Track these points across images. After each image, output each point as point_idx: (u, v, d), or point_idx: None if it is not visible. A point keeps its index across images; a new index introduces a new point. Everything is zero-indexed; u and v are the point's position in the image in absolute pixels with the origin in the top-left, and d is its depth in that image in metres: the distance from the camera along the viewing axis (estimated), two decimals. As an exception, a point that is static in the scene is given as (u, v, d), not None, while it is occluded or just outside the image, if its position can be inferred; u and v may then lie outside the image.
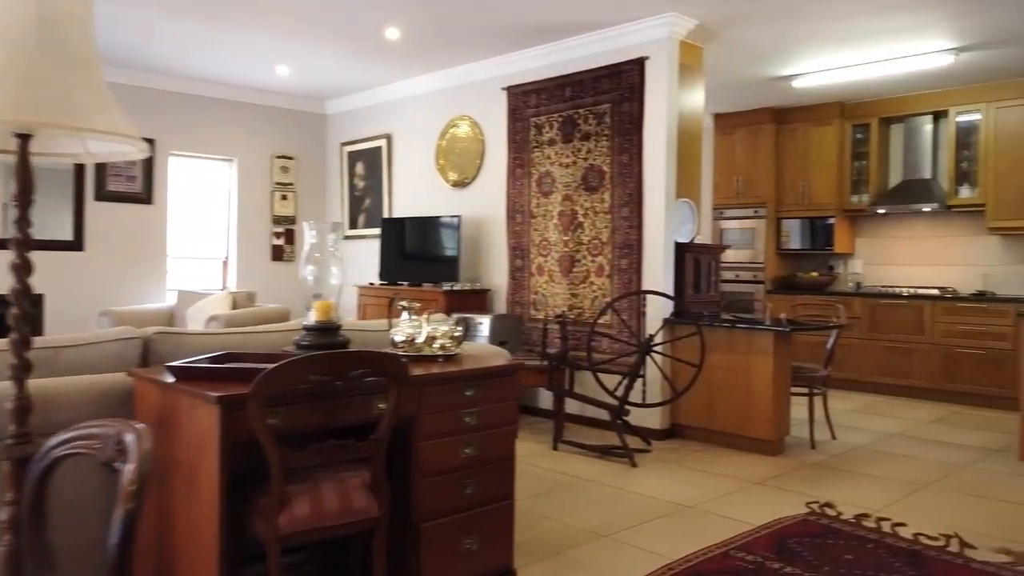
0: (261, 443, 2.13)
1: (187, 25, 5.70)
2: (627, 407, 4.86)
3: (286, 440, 2.24)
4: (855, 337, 7.39)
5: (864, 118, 7.72)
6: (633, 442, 5.03)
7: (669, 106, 5.34)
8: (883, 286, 7.60)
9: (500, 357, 3.18)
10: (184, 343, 2.82)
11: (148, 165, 7.23)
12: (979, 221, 7.19)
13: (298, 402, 2.29)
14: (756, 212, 8.19)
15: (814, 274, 8.04)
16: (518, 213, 6.24)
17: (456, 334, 2.98)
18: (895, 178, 7.77)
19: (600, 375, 4.99)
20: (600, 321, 5.42)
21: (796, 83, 6.88)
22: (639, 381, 5.02)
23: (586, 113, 5.73)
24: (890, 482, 4.37)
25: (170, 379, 2.37)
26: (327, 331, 2.75)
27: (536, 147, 6.10)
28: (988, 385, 6.67)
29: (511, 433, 2.90)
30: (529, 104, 6.15)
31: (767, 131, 8.10)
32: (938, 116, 7.40)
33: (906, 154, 7.55)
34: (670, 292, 5.35)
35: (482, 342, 5.63)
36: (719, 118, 8.45)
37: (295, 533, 2.23)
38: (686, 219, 5.64)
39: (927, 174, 7.39)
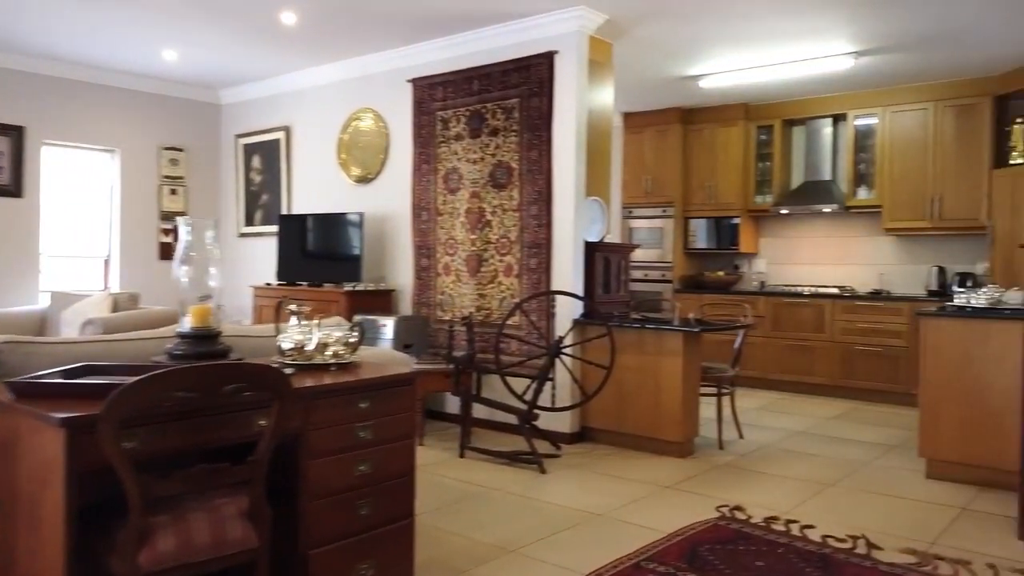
0: (116, 471, 1.84)
1: (62, 2, 5.20)
2: (536, 411, 4.70)
3: (148, 465, 1.95)
4: (759, 335, 7.49)
5: (768, 119, 7.84)
6: (543, 447, 4.88)
7: (579, 102, 5.22)
8: (786, 285, 7.74)
9: (400, 364, 2.95)
10: (36, 354, 2.46)
11: (17, 154, 6.62)
12: (876, 222, 7.40)
13: (162, 422, 2.00)
14: (664, 212, 8.21)
15: (720, 273, 8.12)
16: (424, 210, 6.01)
17: (351, 340, 2.74)
18: (797, 179, 7.92)
19: (508, 379, 4.82)
20: (508, 323, 5.25)
21: (703, 83, 6.90)
22: (548, 384, 4.88)
23: (494, 107, 5.55)
24: (797, 482, 4.37)
25: (9, 397, 2.04)
26: (204, 339, 2.47)
27: (443, 142, 5.88)
28: (884, 381, 6.86)
29: (410, 447, 2.68)
30: (435, 97, 5.93)
31: (675, 131, 8.13)
32: (838, 119, 7.58)
33: (808, 156, 7.71)
34: (580, 292, 5.23)
35: (386, 345, 5.37)
36: (628, 117, 8.43)
37: (159, 572, 1.94)
38: (596, 218, 5.53)
39: (827, 176, 7.56)
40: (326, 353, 2.67)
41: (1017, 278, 6.22)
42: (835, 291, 7.28)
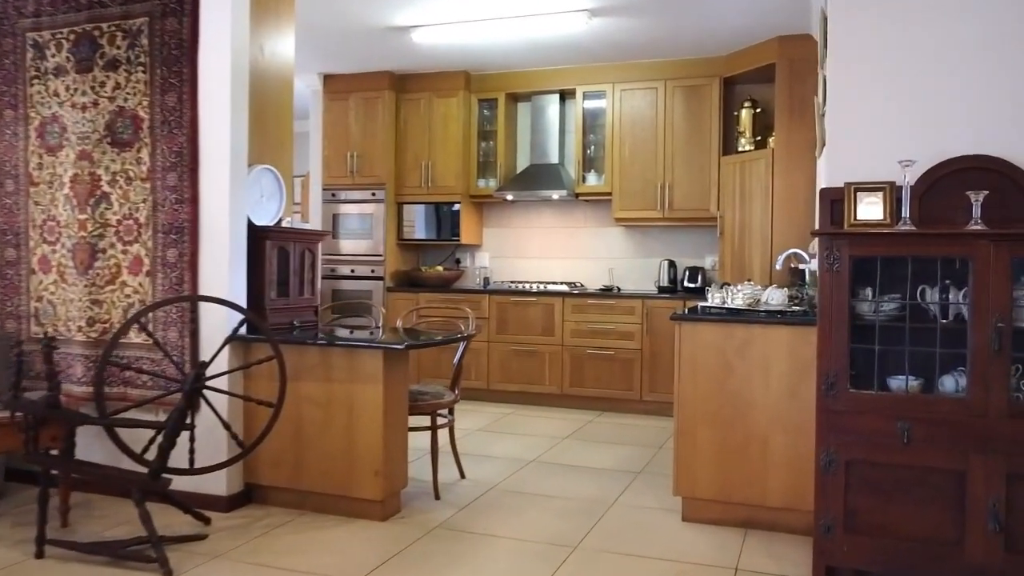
0: None
1: None
2: (166, 477, 3.14)
3: None
4: (482, 340, 6.48)
5: (491, 92, 6.84)
6: (183, 523, 3.33)
7: (235, 29, 3.70)
8: (512, 282, 6.80)
9: None
10: None
11: None
12: (606, 211, 6.72)
13: None
14: (374, 195, 6.90)
15: (439, 269, 7.00)
16: (8, 178, 4.10)
17: None
18: (523, 162, 7.04)
19: (121, 429, 3.19)
20: (128, 341, 3.60)
21: (416, 36, 5.68)
22: (187, 433, 3.32)
23: (113, 29, 3.83)
24: (534, 546, 3.28)
25: None
26: None
27: (36, 77, 4.02)
28: (619, 388, 6.17)
29: None
30: (24, 10, 4.04)
31: (386, 100, 6.85)
32: (566, 96, 6.79)
33: (534, 135, 6.83)
34: (240, 295, 3.73)
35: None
36: (330, 80, 6.99)
37: None
38: (270, 194, 4.06)
39: (555, 159, 6.74)
40: None
41: (745, 272, 5.78)
42: (564, 288, 6.46)
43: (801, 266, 4.41)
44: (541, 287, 6.50)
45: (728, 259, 5.98)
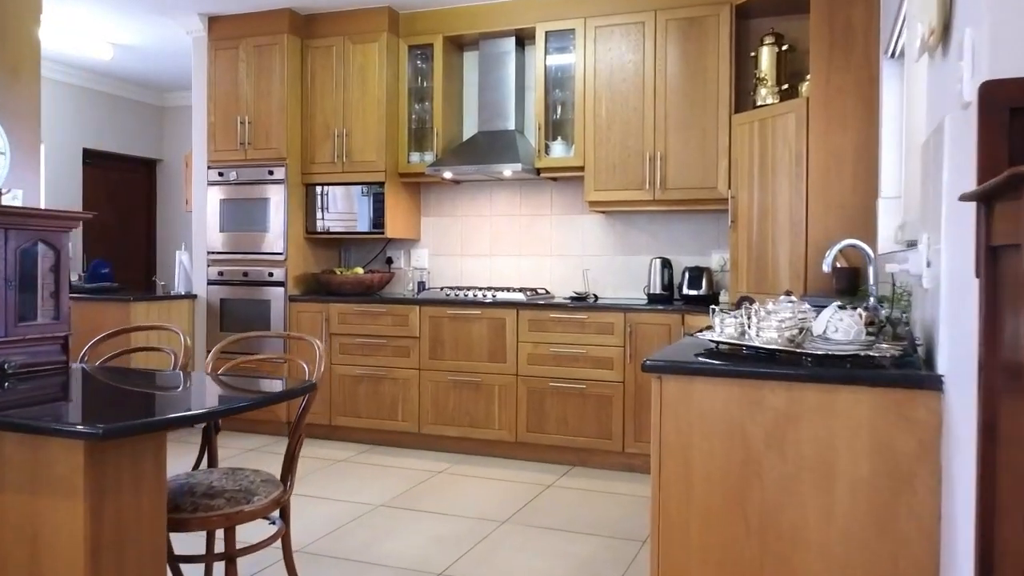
0: None
1: None
2: None
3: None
4: (411, 367, 4.80)
5: (425, 36, 5.15)
6: None
7: None
8: (451, 288, 5.09)
9: None
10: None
11: None
12: (576, 192, 5.04)
13: None
14: (271, 174, 5.22)
15: (358, 270, 5.30)
16: None
17: None
18: (471, 129, 5.34)
19: None
20: None
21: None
22: None
23: None
24: None
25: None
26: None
27: None
28: (589, 435, 4.48)
29: None
30: None
31: (286, 47, 5.16)
32: (524, 39, 5.10)
33: (482, 94, 5.14)
34: None
35: None
36: (216, 24, 5.31)
37: None
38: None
39: (510, 124, 5.05)
40: None
41: (768, 274, 4.08)
42: (520, 297, 4.76)
43: (855, 267, 2.70)
44: (491, 295, 4.80)
45: (743, 256, 4.28)
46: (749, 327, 2.05)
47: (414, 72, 5.26)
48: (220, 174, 5.33)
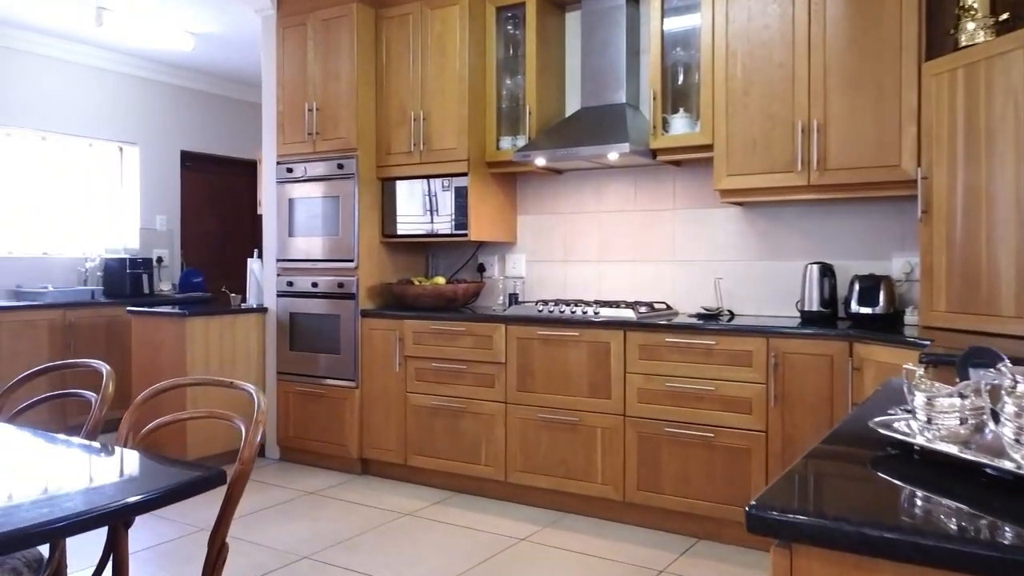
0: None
1: None
2: None
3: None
4: (497, 400, 3.89)
5: (515, -6, 4.23)
6: None
7: None
8: (545, 301, 4.10)
9: None
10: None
11: None
12: (705, 178, 3.94)
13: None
14: (340, 168, 4.47)
15: (439, 280, 4.44)
16: None
17: None
18: (573, 105, 4.36)
19: None
20: None
21: None
22: None
23: None
24: None
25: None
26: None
27: None
28: (717, 498, 3.37)
29: None
30: None
31: (356, 19, 4.39)
32: (635, -11, 4.07)
33: (585, 62, 4.13)
34: None
35: None
36: (285, 1, 4.65)
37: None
38: None
39: (619, 97, 4.01)
40: None
41: (982, 287, 2.83)
42: (629, 314, 3.70)
43: None
44: (591, 311, 3.79)
45: (941, 261, 3.02)
46: (1000, 421, 0.95)
47: (504, 40, 4.35)
48: (289, 170, 4.66)
